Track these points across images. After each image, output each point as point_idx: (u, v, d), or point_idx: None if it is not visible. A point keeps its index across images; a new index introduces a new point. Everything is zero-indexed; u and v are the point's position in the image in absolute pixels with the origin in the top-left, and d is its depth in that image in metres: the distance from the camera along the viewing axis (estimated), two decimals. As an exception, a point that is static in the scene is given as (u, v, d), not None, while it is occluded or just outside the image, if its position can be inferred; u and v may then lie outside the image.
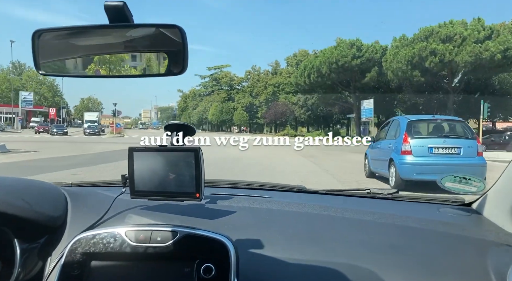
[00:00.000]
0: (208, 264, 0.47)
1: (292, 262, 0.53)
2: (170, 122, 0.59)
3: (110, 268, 0.49)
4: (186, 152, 0.55)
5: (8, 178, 0.60)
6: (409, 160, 4.56)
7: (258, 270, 0.52)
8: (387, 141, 5.23)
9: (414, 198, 0.84)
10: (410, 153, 4.59)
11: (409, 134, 4.68)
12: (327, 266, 0.52)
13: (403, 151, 4.63)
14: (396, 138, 4.85)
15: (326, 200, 0.81)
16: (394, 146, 4.82)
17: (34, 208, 0.55)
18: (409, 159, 4.57)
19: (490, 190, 0.71)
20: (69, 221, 0.61)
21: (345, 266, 0.52)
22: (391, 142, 4.99)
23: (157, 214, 0.63)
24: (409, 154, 4.59)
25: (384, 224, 0.65)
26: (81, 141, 17.31)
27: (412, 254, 0.55)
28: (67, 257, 0.49)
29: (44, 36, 0.47)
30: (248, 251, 0.54)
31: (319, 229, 0.62)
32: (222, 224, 0.61)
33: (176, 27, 0.44)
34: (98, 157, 8.71)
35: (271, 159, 9.43)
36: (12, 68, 48.19)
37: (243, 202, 0.72)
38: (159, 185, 0.56)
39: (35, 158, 8.05)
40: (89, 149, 10.57)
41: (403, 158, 4.60)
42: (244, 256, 0.52)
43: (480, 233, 0.62)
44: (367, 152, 6.16)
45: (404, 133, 4.68)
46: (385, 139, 5.39)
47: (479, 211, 0.73)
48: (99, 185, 0.88)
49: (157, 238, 0.49)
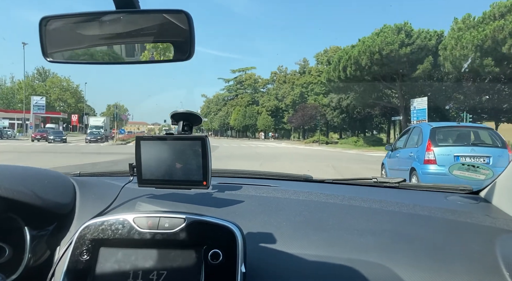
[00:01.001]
0: (216, 250, 0.57)
1: (299, 250, 0.64)
2: (176, 111, 0.70)
3: (118, 254, 0.59)
4: (193, 140, 0.66)
5: (17, 167, 0.75)
6: (433, 170, 5.24)
7: (265, 257, 0.63)
8: (408, 149, 6.00)
9: (421, 187, 1.00)
10: (434, 162, 5.28)
11: (433, 142, 5.39)
12: (335, 254, 0.63)
13: (427, 160, 5.35)
14: (418, 147, 5.60)
15: (333, 189, 0.96)
16: (416, 155, 5.57)
17: (44, 196, 0.68)
18: (433, 169, 5.26)
19: (499, 178, 0.80)
20: (77, 209, 0.75)
21: (352, 254, 0.63)
22: (413, 150, 5.75)
23: (165, 202, 0.76)
24: (433, 163, 5.29)
25: (392, 212, 0.76)
26: (73, 150, 17.74)
27: (420, 242, 0.65)
28: (76, 243, 0.60)
29: (51, 23, 0.59)
30: (255, 238, 0.66)
31: (326, 217, 0.74)
32: (229, 212, 0.73)
33: (183, 12, 0.54)
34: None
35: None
36: (36, 74, 58.06)
37: (250, 190, 0.86)
38: (166, 174, 0.67)
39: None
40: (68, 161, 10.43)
41: (426, 167, 5.31)
42: (251, 243, 0.62)
43: (488, 220, 0.72)
44: (384, 161, 7.05)
45: (428, 141, 5.40)
46: (405, 148, 6.17)
47: (488, 199, 0.84)
48: (106, 175, 1.06)
49: (165, 224, 0.59)
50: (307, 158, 15.50)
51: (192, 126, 0.72)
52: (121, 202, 0.77)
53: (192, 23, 0.54)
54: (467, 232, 0.71)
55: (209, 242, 0.58)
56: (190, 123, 0.72)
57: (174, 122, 0.73)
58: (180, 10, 0.55)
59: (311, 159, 14.32)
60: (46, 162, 10.64)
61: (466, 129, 6.02)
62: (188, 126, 0.72)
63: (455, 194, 0.93)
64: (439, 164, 5.32)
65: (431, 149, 5.43)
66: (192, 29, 0.54)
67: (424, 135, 5.62)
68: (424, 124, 6.25)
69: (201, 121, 0.73)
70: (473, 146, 5.49)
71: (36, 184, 0.71)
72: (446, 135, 5.82)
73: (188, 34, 0.54)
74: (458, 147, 5.50)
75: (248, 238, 0.61)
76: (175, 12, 0.55)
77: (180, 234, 0.58)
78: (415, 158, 5.62)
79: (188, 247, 0.58)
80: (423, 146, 5.53)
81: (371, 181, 1.03)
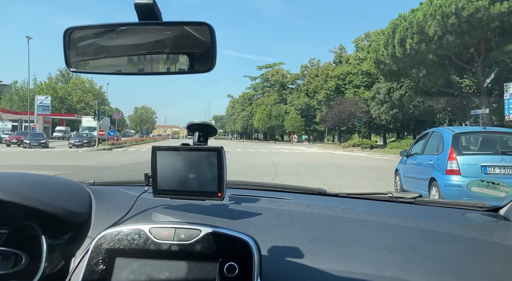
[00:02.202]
0: (232, 263, 0.71)
1: (315, 264, 0.79)
2: (192, 122, 0.90)
3: (134, 265, 0.74)
4: (209, 151, 0.83)
5: (34, 175, 0.96)
6: (457, 181, 5.92)
7: (281, 271, 0.78)
8: (426, 156, 6.80)
9: (438, 203, 1.23)
10: (458, 173, 5.98)
11: (456, 149, 6.11)
12: (351, 269, 0.78)
13: (449, 170, 6.05)
14: (439, 154, 6.36)
15: (347, 203, 1.19)
16: (437, 163, 6.33)
17: (61, 204, 0.86)
18: (457, 180, 5.95)
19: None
20: (93, 218, 0.95)
21: (369, 270, 0.77)
22: (432, 158, 6.52)
23: (179, 212, 0.96)
24: (457, 174, 5.98)
25: (409, 228, 0.95)
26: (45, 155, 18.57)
27: (439, 259, 0.80)
28: (92, 253, 0.75)
29: (75, 34, 0.76)
30: (271, 251, 0.82)
31: (341, 231, 0.93)
32: (244, 224, 0.92)
33: (205, 24, 0.69)
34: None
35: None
36: (60, 76, 69.21)
37: (264, 203, 1.09)
38: (181, 184, 0.84)
39: None
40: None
41: (449, 178, 6.02)
42: (267, 256, 0.79)
43: (509, 238, 0.87)
44: (399, 167, 7.90)
45: (450, 148, 6.14)
46: (423, 154, 6.97)
47: (508, 217, 1.02)
48: (121, 184, 1.31)
49: (181, 235, 0.75)
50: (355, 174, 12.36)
51: (207, 137, 0.90)
52: (136, 211, 0.95)
53: (214, 35, 0.70)
54: (488, 250, 0.86)
55: (224, 254, 0.72)
56: (206, 134, 0.90)
57: (190, 133, 0.91)
58: (202, 23, 0.70)
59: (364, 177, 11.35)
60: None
61: (494, 135, 6.76)
62: (204, 137, 0.90)
63: (474, 211, 1.12)
64: (464, 175, 6.04)
65: (454, 157, 6.21)
66: (214, 41, 0.70)
67: (446, 142, 6.42)
68: (445, 129, 6.94)
69: (216, 132, 0.92)
70: (503, 154, 6.20)
71: (53, 192, 0.89)
72: (471, 142, 6.60)
73: (210, 45, 0.70)
74: (485, 156, 6.23)
75: (264, 250, 0.75)
76: (197, 24, 0.71)
77: (196, 245, 0.74)
78: (435, 167, 6.44)
79: (204, 259, 0.73)
80: (445, 154, 6.31)
81: (386, 195, 1.26)
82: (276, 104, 66.01)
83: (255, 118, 69.17)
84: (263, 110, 66.77)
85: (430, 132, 7.46)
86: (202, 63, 0.73)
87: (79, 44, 0.78)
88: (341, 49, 60.33)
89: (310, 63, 65.84)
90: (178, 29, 0.72)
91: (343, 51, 59.84)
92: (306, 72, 64.86)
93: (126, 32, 0.74)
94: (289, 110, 62.85)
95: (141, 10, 0.67)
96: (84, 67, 0.80)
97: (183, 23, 0.71)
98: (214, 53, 0.70)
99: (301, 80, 68.70)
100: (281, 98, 68.31)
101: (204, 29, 0.71)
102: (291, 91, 68.18)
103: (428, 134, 7.46)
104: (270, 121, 64.85)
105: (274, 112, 64.84)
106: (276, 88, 71.24)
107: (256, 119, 68.92)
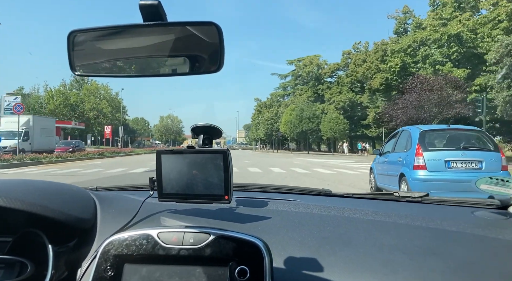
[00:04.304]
0: (243, 267, 0.78)
1: (326, 266, 0.88)
2: (196, 124, 1.01)
3: (143, 271, 0.82)
4: (215, 153, 0.92)
5: (39, 181, 1.10)
6: (423, 176, 7.70)
7: (292, 274, 0.88)
8: (397, 154, 8.95)
9: (445, 201, 1.42)
10: (424, 168, 7.74)
11: (422, 146, 8.01)
12: (363, 270, 0.87)
13: (416, 165, 7.90)
14: (408, 151, 8.42)
15: (353, 203, 1.37)
16: (405, 160, 8.37)
17: (66, 211, 0.97)
18: (423, 174, 7.71)
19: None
20: (99, 224, 1.07)
21: (381, 271, 0.86)
22: (401, 155, 8.65)
23: (186, 217, 1.10)
24: (423, 169, 7.76)
25: (419, 227, 1.08)
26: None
27: (451, 258, 0.90)
28: (100, 259, 0.83)
29: (79, 37, 0.84)
30: (280, 254, 0.92)
31: (351, 232, 1.04)
32: (253, 227, 1.05)
33: (213, 24, 0.77)
34: None
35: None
36: (74, 82, 72.11)
37: (271, 205, 1.26)
38: (187, 188, 0.95)
39: None
40: None
41: (416, 173, 7.82)
42: (277, 258, 0.89)
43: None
44: (373, 166, 10.06)
45: (417, 145, 8.03)
46: (394, 152, 9.10)
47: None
48: (124, 189, 1.56)
49: (190, 240, 0.82)
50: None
51: (212, 140, 1.04)
52: (142, 216, 1.11)
53: (222, 35, 0.77)
54: (499, 248, 0.99)
55: (235, 258, 0.82)
56: (210, 137, 1.03)
57: (194, 135, 1.04)
58: (209, 22, 0.77)
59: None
60: None
61: (456, 132, 8.56)
62: (208, 139, 1.02)
63: (482, 209, 1.32)
64: (429, 169, 7.76)
65: (421, 153, 7.91)
66: (222, 40, 0.77)
67: (413, 139, 8.30)
68: (413, 127, 8.99)
69: (221, 135, 1.05)
70: (464, 149, 7.88)
71: (58, 198, 1.03)
72: (436, 139, 8.51)
73: (218, 45, 0.77)
74: (448, 151, 7.96)
75: (274, 253, 0.86)
76: (204, 24, 0.78)
77: (206, 249, 0.82)
78: (404, 163, 8.35)
79: (214, 263, 0.83)
80: (412, 151, 8.14)
81: (392, 195, 1.49)
82: (309, 103, 56.66)
83: (281, 121, 59.40)
84: (291, 110, 57.97)
85: (400, 131, 9.38)
86: (210, 63, 0.80)
87: (84, 47, 0.86)
88: (405, 13, 46.03)
89: (354, 48, 55.78)
90: (185, 29, 0.80)
91: (409, 14, 45.87)
92: (350, 60, 54.76)
93: (131, 33, 0.83)
94: (327, 109, 53.49)
95: (146, 11, 0.74)
96: (89, 71, 0.90)
97: (189, 23, 0.79)
98: (222, 53, 0.78)
99: (343, 71, 59.03)
100: (317, 96, 59.88)
101: (211, 29, 0.79)
102: (329, 86, 59.01)
103: (398, 133, 9.37)
104: (301, 125, 55.45)
105: (307, 113, 55.32)
106: (310, 84, 62.44)
107: (282, 123, 60.08)
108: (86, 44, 0.85)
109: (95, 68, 0.88)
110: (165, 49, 0.82)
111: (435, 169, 7.55)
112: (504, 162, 7.50)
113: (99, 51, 0.85)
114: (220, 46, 0.77)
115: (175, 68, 0.84)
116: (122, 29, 0.81)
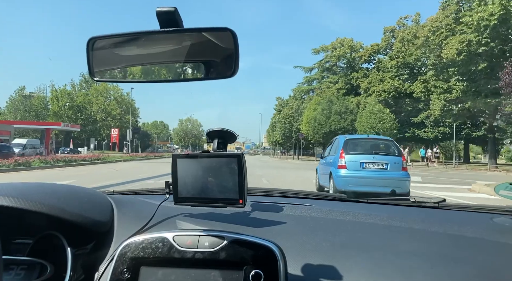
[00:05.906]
0: (257, 271, 0.79)
1: (342, 271, 0.88)
2: (211, 129, 1.03)
3: (158, 274, 0.85)
4: (229, 157, 0.94)
5: (57, 185, 1.13)
6: (344, 173, 10.23)
7: (306, 279, 0.88)
8: (330, 157, 11.65)
9: (463, 207, 1.43)
10: (345, 167, 10.35)
11: (345, 150, 10.76)
12: (379, 276, 0.87)
13: (339, 165, 10.57)
14: (335, 155, 11.14)
15: (368, 208, 1.37)
16: (333, 161, 11.08)
17: (84, 214, 1.00)
18: (343, 173, 10.25)
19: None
20: (115, 227, 1.10)
21: (398, 277, 0.86)
22: (332, 158, 11.34)
23: (201, 220, 1.12)
24: (344, 168, 10.42)
25: (436, 233, 1.06)
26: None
27: (470, 265, 0.89)
28: (117, 262, 0.86)
29: (98, 43, 0.88)
30: (295, 259, 0.93)
31: (366, 237, 1.04)
32: (267, 231, 1.06)
33: (228, 30, 0.80)
34: None
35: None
36: (83, 82, 70.57)
37: (285, 209, 1.28)
38: (202, 191, 0.97)
39: None
40: None
41: (339, 171, 10.44)
42: (291, 263, 0.90)
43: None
44: (317, 168, 12.86)
45: (341, 150, 10.79)
46: (329, 155, 11.80)
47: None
48: (140, 193, 1.60)
49: (205, 243, 0.85)
50: None
51: (227, 144, 1.04)
52: (158, 220, 1.13)
53: (237, 41, 0.80)
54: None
55: (249, 262, 0.83)
56: (225, 141, 1.04)
57: (209, 140, 1.05)
58: (225, 28, 0.80)
59: None
60: None
61: (372, 141, 11.32)
62: (223, 144, 1.03)
63: (501, 215, 1.31)
64: (349, 168, 10.40)
65: (343, 156, 10.66)
66: (237, 46, 0.80)
67: (340, 145, 11.05)
68: (341, 136, 11.72)
69: (235, 139, 1.06)
70: (375, 154, 10.58)
71: (77, 202, 1.06)
72: (356, 146, 11.15)
73: (233, 51, 0.80)
74: (363, 155, 10.63)
75: (288, 258, 0.87)
76: (220, 30, 0.80)
77: (220, 253, 0.84)
78: (332, 164, 11.07)
79: (229, 267, 0.84)
80: (338, 154, 10.90)
81: (408, 200, 1.50)
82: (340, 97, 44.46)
83: (303, 119, 46.85)
84: (316, 104, 43.97)
85: (335, 139, 12.15)
86: (225, 68, 0.83)
87: (103, 53, 0.88)
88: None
89: (399, 24, 44.01)
90: (200, 35, 0.82)
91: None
92: (394, 39, 43.10)
93: (149, 40, 0.86)
94: (364, 102, 40.30)
95: (163, 17, 0.76)
96: (108, 76, 0.93)
97: (205, 29, 0.81)
98: (237, 58, 0.80)
99: (384, 54, 47.41)
100: (349, 88, 46.90)
101: (227, 34, 0.81)
102: (365, 74, 46.26)
103: (334, 141, 12.18)
104: (328, 123, 41.70)
105: (337, 106, 41.48)
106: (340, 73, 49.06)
107: (304, 121, 46.35)
108: (104, 50, 0.89)
109: (113, 73, 0.93)
110: (181, 55, 0.86)
111: (353, 168, 10.02)
112: (404, 165, 10.03)
113: (117, 57, 0.90)
114: (235, 51, 0.81)
115: (190, 74, 0.88)
116: (140, 35, 0.86)
